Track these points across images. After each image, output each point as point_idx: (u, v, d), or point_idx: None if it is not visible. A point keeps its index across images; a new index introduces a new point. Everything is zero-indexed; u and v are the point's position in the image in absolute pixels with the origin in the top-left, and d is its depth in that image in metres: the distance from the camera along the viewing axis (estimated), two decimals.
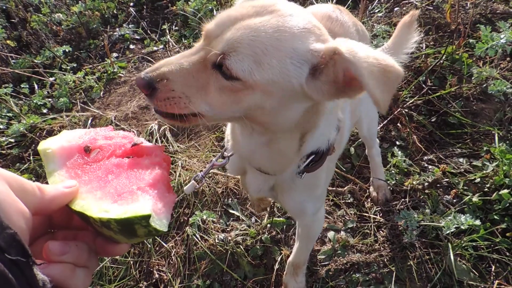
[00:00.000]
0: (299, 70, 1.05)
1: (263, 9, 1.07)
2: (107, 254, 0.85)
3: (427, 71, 3.27)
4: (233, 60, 1.01)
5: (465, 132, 2.99)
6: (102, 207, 0.77)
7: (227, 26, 1.07)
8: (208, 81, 1.07)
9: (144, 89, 1.06)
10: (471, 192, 2.54)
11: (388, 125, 3.13)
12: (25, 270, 0.60)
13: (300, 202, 1.61)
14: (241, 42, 1.01)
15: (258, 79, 1.02)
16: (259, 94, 1.06)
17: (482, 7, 3.82)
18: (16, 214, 0.64)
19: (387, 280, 2.27)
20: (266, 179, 1.54)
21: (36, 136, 3.43)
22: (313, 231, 1.98)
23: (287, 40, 1.03)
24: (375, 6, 4.17)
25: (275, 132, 1.23)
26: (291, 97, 1.09)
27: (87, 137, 0.95)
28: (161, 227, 0.78)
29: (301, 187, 1.52)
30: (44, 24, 4.80)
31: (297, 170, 1.39)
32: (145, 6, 5.07)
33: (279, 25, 1.04)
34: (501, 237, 2.31)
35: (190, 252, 2.50)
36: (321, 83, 1.06)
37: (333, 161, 1.61)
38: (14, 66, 4.26)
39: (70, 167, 0.87)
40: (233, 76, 1.02)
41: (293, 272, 2.19)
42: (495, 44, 2.69)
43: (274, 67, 1.02)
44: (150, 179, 0.86)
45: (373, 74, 0.94)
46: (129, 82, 3.93)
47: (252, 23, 1.04)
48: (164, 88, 1.06)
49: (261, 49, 1.01)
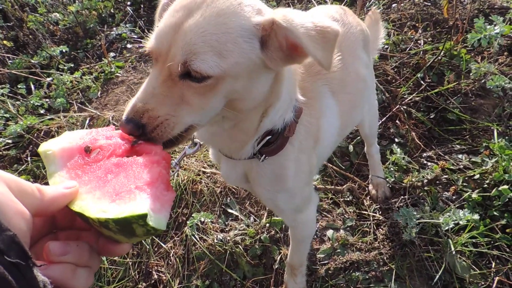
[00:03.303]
0: (252, 44, 1.09)
1: (192, 6, 1.09)
2: (110, 254, 0.85)
3: (425, 67, 3.26)
4: (198, 62, 1.03)
5: (464, 128, 2.98)
6: (100, 207, 0.77)
7: (172, 35, 1.07)
8: (183, 93, 1.08)
9: (134, 131, 1.02)
10: (470, 189, 2.53)
11: (386, 122, 3.12)
12: (25, 272, 0.60)
13: (270, 192, 1.58)
14: (195, 43, 1.03)
15: (225, 67, 1.05)
16: (230, 80, 1.10)
17: (480, 2, 3.80)
18: (15, 215, 0.64)
19: (387, 278, 2.27)
20: (234, 165, 1.58)
21: (34, 137, 3.42)
22: (300, 234, 1.95)
23: (232, 21, 1.07)
24: (373, 2, 4.15)
25: (247, 111, 1.26)
26: (256, 71, 1.14)
27: (88, 137, 0.95)
28: (159, 226, 0.78)
29: (268, 175, 1.51)
30: (41, 24, 4.77)
31: (254, 150, 1.40)
32: (142, 5, 5.05)
33: (217, 11, 1.07)
34: (501, 233, 2.30)
35: (189, 253, 2.50)
36: (271, 52, 1.11)
37: (305, 153, 1.55)
38: (11, 66, 4.24)
39: (71, 168, 0.87)
40: (204, 76, 1.05)
41: (291, 273, 2.18)
42: (488, 34, 2.68)
43: (232, 51, 1.06)
44: (148, 178, 0.85)
45: (311, 37, 1.02)
46: (126, 81, 3.91)
47: (193, 22, 1.05)
48: (150, 119, 1.04)
49: (215, 40, 1.04)
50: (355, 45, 1.97)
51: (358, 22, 2.09)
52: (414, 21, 3.79)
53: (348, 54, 1.86)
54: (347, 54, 1.84)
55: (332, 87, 1.68)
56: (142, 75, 3.96)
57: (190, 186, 2.80)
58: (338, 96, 1.72)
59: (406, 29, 3.73)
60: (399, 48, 3.55)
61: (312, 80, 1.60)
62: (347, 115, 1.85)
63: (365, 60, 2.06)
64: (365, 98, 2.13)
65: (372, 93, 2.36)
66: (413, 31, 3.70)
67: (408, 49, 3.51)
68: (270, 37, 1.10)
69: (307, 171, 1.62)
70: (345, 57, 1.81)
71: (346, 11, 2.06)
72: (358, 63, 1.94)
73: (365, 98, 2.11)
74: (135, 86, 3.83)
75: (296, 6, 4.40)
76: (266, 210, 2.66)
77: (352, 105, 1.89)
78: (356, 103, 1.94)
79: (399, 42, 3.57)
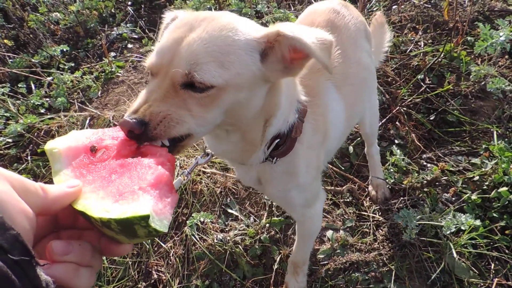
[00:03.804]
0: (253, 57, 1.16)
1: (194, 22, 1.15)
2: (111, 254, 0.85)
3: (425, 69, 3.27)
4: (202, 72, 1.06)
5: (463, 130, 2.99)
6: (103, 207, 0.77)
7: (174, 48, 1.11)
8: (184, 102, 1.10)
9: (137, 127, 1.00)
10: (470, 190, 2.54)
11: (387, 123, 3.13)
12: (28, 271, 0.60)
13: (283, 190, 1.63)
14: (199, 54, 1.08)
15: (228, 78, 1.10)
16: (232, 90, 1.14)
17: (480, 5, 3.81)
18: (19, 214, 0.64)
19: (386, 279, 2.27)
20: (247, 170, 1.63)
21: (34, 136, 3.41)
22: (308, 229, 1.98)
23: (234, 35, 1.13)
24: (374, 4, 4.16)
25: (247, 124, 1.30)
26: (256, 83, 1.20)
27: (94, 137, 0.95)
28: (161, 227, 0.77)
29: (280, 174, 1.56)
30: (42, 23, 4.77)
31: (265, 155, 1.44)
32: (143, 5, 5.05)
33: (219, 26, 1.13)
34: (500, 235, 2.31)
35: (189, 252, 2.50)
36: (271, 63, 1.18)
37: (314, 149, 1.60)
38: (11, 65, 4.23)
39: (76, 167, 0.87)
40: (207, 86, 1.08)
41: (293, 271, 2.19)
42: (494, 42, 2.69)
43: (235, 62, 1.11)
44: (152, 179, 0.85)
45: (316, 44, 1.10)
46: (127, 81, 3.92)
47: (196, 35, 1.11)
48: (152, 115, 1.04)
49: (218, 52, 1.09)
50: (357, 35, 2.01)
51: (358, 14, 2.14)
52: (415, 23, 3.80)
53: (349, 45, 1.90)
54: (348, 45, 1.88)
55: (335, 81, 1.73)
56: (143, 75, 3.97)
57: (190, 186, 2.80)
58: (342, 89, 1.76)
59: (406, 31, 3.74)
60: (399, 50, 3.56)
61: (315, 77, 1.63)
62: (352, 106, 1.89)
63: (367, 49, 2.11)
64: (370, 86, 2.17)
65: (373, 92, 2.38)
66: (413, 33, 3.71)
67: (408, 51, 3.52)
68: (273, 49, 1.16)
69: (316, 166, 1.67)
70: (346, 48, 1.85)
71: (347, 4, 2.11)
72: (360, 52, 1.98)
73: (369, 86, 2.15)
74: (136, 86, 3.83)
75: (297, 7, 4.41)
76: (266, 210, 2.67)
77: (356, 94, 1.93)
78: (360, 92, 1.97)
79: (399, 44, 3.58)
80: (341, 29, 1.90)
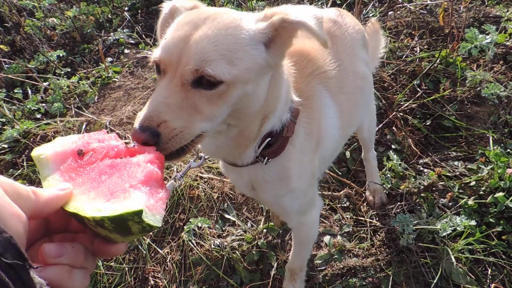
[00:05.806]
0: (259, 50, 1.20)
1: (198, 20, 1.17)
2: (105, 255, 0.85)
3: (421, 74, 3.28)
4: (211, 69, 1.09)
5: (460, 135, 3.01)
6: (95, 206, 0.77)
7: (182, 46, 1.13)
8: (195, 102, 1.13)
9: (150, 139, 1.03)
10: (466, 195, 2.55)
11: (383, 128, 3.14)
12: (22, 274, 0.60)
13: (276, 195, 1.61)
14: (208, 51, 1.11)
15: (236, 73, 1.13)
16: (240, 85, 1.17)
17: (475, 11, 3.84)
18: (12, 218, 0.65)
19: (383, 285, 2.27)
20: (240, 174, 1.63)
21: (30, 141, 3.40)
22: (303, 237, 1.96)
23: (239, 33, 1.17)
24: (369, 10, 4.19)
25: (252, 116, 1.32)
26: (261, 74, 1.24)
27: (81, 141, 0.95)
28: (154, 222, 0.78)
29: (273, 178, 1.55)
30: (38, 28, 4.77)
31: (256, 153, 1.44)
32: (140, 11, 5.07)
33: (224, 24, 1.16)
34: (497, 240, 2.32)
35: (186, 258, 2.49)
36: (275, 49, 1.23)
37: (307, 154, 1.59)
38: (7, 71, 4.23)
39: (64, 171, 0.87)
40: (217, 81, 1.11)
41: (291, 277, 2.18)
42: (478, 44, 2.72)
43: (243, 59, 1.16)
44: (142, 177, 0.86)
45: (317, 25, 1.17)
46: (123, 87, 3.91)
47: (203, 33, 1.13)
48: (166, 130, 1.06)
49: (225, 50, 1.13)
50: (353, 44, 2.00)
51: (356, 22, 2.13)
52: (411, 29, 3.83)
53: (346, 54, 1.89)
54: (344, 54, 1.87)
55: (328, 87, 1.71)
56: (139, 80, 3.97)
57: (187, 192, 2.79)
58: (337, 97, 1.75)
59: (402, 37, 3.76)
60: (395, 55, 3.58)
61: (306, 81, 1.63)
62: (348, 115, 1.87)
63: (364, 58, 2.10)
64: (367, 95, 2.16)
65: (371, 100, 2.38)
66: (409, 38, 3.73)
67: (405, 57, 3.54)
68: (279, 35, 1.21)
69: (310, 172, 1.65)
70: (342, 57, 1.84)
71: (342, 13, 2.09)
72: (356, 61, 1.97)
73: (366, 95, 2.14)
74: (132, 91, 3.83)
75: None
76: (264, 215, 2.66)
77: (353, 103, 1.91)
78: (356, 101, 1.96)
79: (395, 50, 3.60)
80: (338, 39, 1.90)
